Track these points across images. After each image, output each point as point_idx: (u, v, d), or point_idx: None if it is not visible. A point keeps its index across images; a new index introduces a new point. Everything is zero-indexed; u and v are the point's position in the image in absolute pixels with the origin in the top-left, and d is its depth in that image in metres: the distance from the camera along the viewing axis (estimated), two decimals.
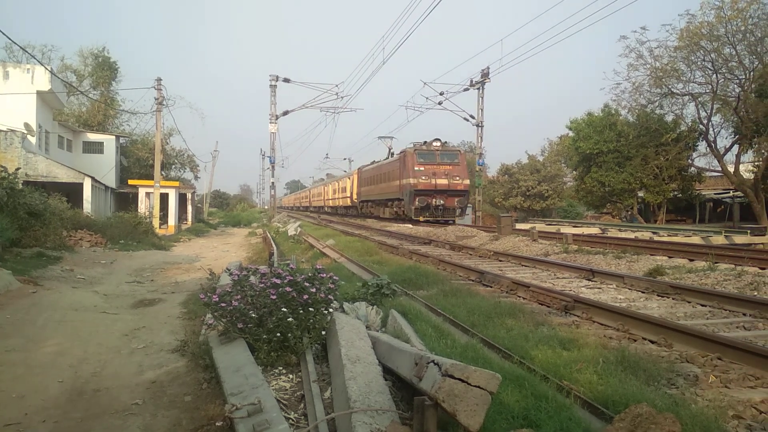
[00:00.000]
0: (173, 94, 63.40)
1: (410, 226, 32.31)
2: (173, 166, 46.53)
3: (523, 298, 9.18)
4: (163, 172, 36.74)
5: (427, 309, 7.88)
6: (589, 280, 11.12)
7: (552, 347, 5.58)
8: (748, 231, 23.74)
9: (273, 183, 53.40)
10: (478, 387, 3.47)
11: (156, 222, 30.27)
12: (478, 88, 39.62)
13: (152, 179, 32.52)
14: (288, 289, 5.69)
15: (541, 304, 8.59)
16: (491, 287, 10.37)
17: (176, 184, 39.08)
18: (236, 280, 6.22)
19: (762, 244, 19.58)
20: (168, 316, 9.17)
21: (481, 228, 24.77)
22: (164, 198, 35.16)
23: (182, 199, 41.50)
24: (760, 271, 10.30)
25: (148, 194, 33.86)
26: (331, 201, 60.92)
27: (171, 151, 45.55)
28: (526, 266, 13.71)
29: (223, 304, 6.00)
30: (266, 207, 71.68)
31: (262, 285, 5.95)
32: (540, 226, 28.15)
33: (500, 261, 15.01)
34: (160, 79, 31.11)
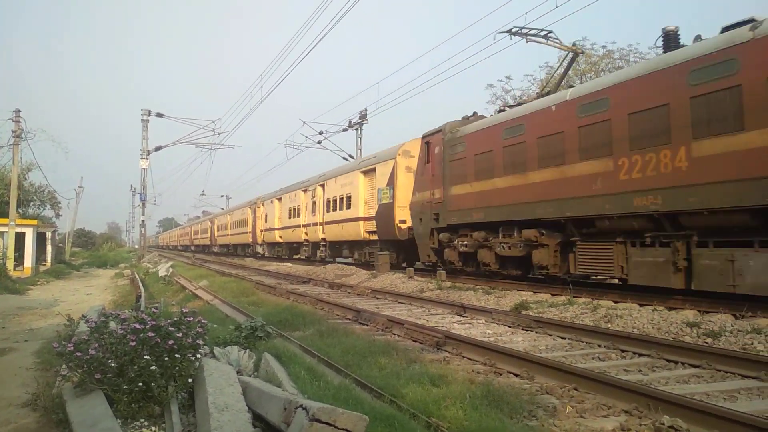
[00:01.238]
0: (34, 127, 59.04)
1: (290, 264, 31.96)
2: (32, 203, 43.16)
3: (398, 336, 9.33)
4: (19, 210, 33.92)
5: (302, 350, 7.79)
6: (460, 315, 11.50)
7: (422, 384, 5.69)
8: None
9: (143, 221, 50.85)
10: (346, 430, 3.47)
11: (10, 264, 27.79)
12: (357, 129, 40.39)
13: (6, 217, 29.96)
14: (151, 334, 5.41)
15: (415, 341, 8.76)
16: (367, 325, 10.46)
17: (34, 222, 36.16)
18: (94, 327, 5.83)
19: (617, 279, 21.21)
20: (19, 367, 8.39)
21: (360, 266, 24.97)
22: (20, 237, 32.39)
23: (41, 239, 38.43)
24: (614, 304, 11.13)
25: (1, 233, 31.08)
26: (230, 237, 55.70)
27: (29, 187, 42.26)
28: (402, 303, 13.98)
29: (78, 354, 5.58)
30: (136, 246, 68.05)
31: (123, 331, 5.62)
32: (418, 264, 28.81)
33: (377, 299, 15.19)
34: (19, 111, 29.01)
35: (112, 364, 5.35)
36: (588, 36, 55.31)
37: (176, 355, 5.40)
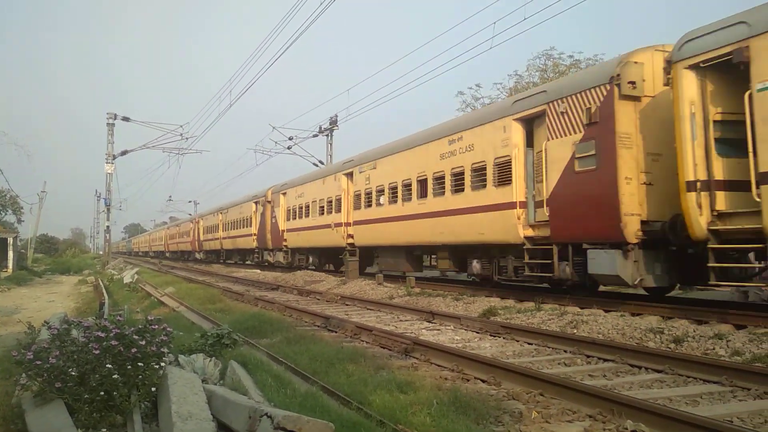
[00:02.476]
0: None
1: (258, 271, 31.69)
2: None
3: (366, 342, 9.30)
4: None
5: (270, 358, 7.72)
6: (429, 321, 11.53)
7: (390, 391, 5.68)
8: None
9: (108, 227, 49.88)
10: None
11: None
12: (327, 135, 40.31)
13: None
14: (114, 342, 5.30)
15: (383, 348, 8.76)
16: (336, 332, 10.42)
17: None
18: (55, 334, 5.69)
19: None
20: None
21: (330, 272, 24.86)
22: None
23: (2, 245, 37.50)
24: (579, 310, 11.27)
25: None
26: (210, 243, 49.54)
27: None
28: (371, 310, 13.96)
29: (38, 362, 5.44)
30: (101, 252, 66.76)
31: (85, 339, 5.49)
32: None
33: (347, 305, 15.15)
34: None
35: (73, 373, 5.23)
36: (556, 45, 56.17)
37: (139, 364, 5.30)
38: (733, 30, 9.08)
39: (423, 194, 17.56)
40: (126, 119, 43.69)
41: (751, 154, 8.75)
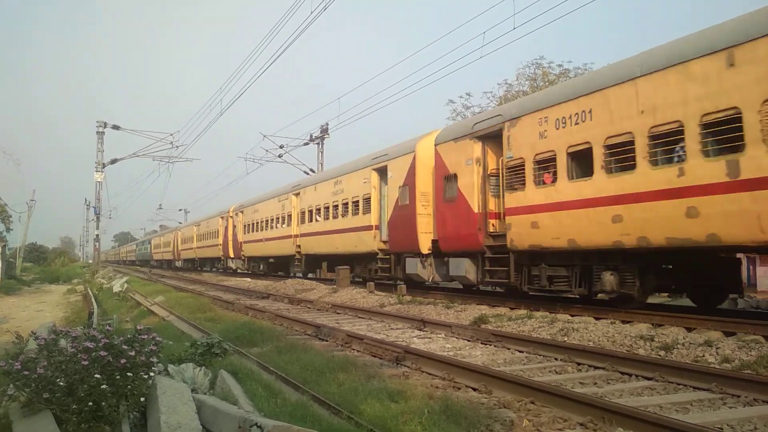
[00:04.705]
0: None
1: (249, 279, 31.60)
2: None
3: (357, 351, 9.28)
4: None
5: (260, 367, 7.68)
6: (420, 330, 11.51)
7: (381, 400, 5.66)
8: None
9: (98, 235, 49.62)
10: None
11: None
12: (318, 143, 40.32)
13: None
14: (103, 353, 5.26)
15: (374, 356, 8.73)
16: (327, 341, 10.38)
17: None
18: (43, 344, 5.64)
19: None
20: None
21: (321, 280, 24.78)
22: None
23: None
24: (570, 318, 11.29)
25: None
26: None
27: None
28: (362, 318, 13.93)
29: (26, 372, 5.39)
30: (90, 261, 66.24)
31: (74, 349, 5.44)
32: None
33: (338, 314, 15.11)
34: None
35: (61, 383, 5.18)
36: (545, 55, 56.64)
37: (128, 374, 5.26)
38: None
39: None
40: (116, 128, 43.59)
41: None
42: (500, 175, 14.02)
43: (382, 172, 19.83)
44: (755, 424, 5.25)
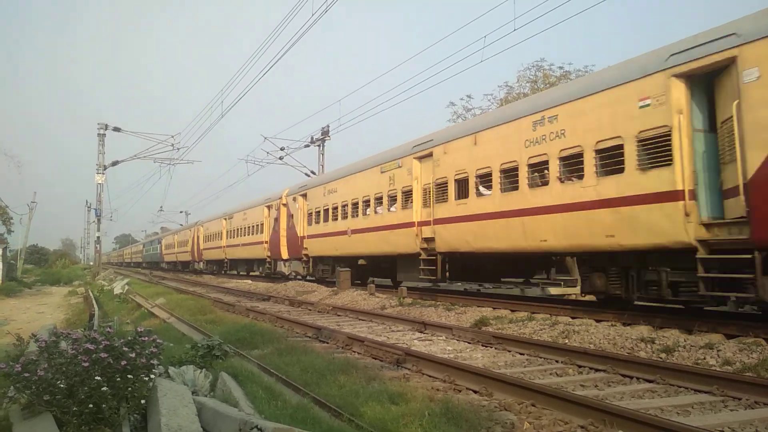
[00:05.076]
0: None
1: (250, 281, 31.57)
2: None
3: (358, 353, 9.27)
4: None
5: (260, 369, 7.67)
6: (421, 332, 11.51)
7: (381, 402, 5.65)
8: (562, 282, 25.78)
9: (99, 237, 49.61)
10: None
11: None
12: (319, 145, 40.31)
13: None
14: (103, 355, 5.26)
15: (375, 359, 8.73)
16: (327, 343, 10.38)
17: None
18: (43, 346, 5.64)
19: (574, 294, 21.54)
20: None
21: (321, 282, 24.75)
22: None
23: None
24: (571, 320, 11.29)
25: None
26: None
27: None
28: (363, 320, 13.92)
29: (27, 374, 5.39)
30: (91, 263, 66.24)
31: (74, 351, 5.44)
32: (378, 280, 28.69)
33: (338, 316, 15.11)
34: None
35: (62, 385, 5.18)
36: (546, 57, 56.59)
37: (129, 376, 5.26)
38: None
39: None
40: (117, 130, 43.63)
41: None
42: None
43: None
44: (756, 427, 5.25)
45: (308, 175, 38.77)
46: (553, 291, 20.53)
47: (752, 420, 5.41)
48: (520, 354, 8.98)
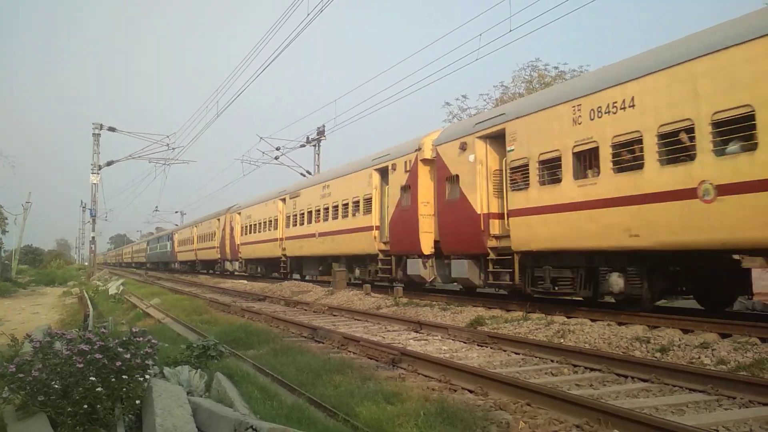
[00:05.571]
0: None
1: (245, 282, 31.54)
2: None
3: (354, 353, 9.27)
4: None
5: (256, 369, 7.66)
6: (416, 332, 11.51)
7: (377, 402, 5.65)
8: None
9: (93, 237, 49.47)
10: None
11: None
12: (315, 145, 40.28)
13: None
14: (98, 355, 5.24)
15: (371, 358, 8.73)
16: (323, 343, 10.38)
17: None
18: (38, 347, 5.62)
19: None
20: None
21: (317, 282, 24.77)
22: None
23: None
24: (567, 319, 11.30)
25: None
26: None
27: None
28: (358, 320, 13.92)
29: (21, 375, 5.37)
30: (86, 263, 66.00)
31: (69, 352, 5.43)
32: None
33: (334, 316, 15.10)
34: None
35: (56, 386, 5.16)
36: (541, 57, 56.66)
37: (123, 377, 5.25)
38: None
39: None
40: (112, 129, 43.47)
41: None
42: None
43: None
44: (751, 426, 5.27)
45: (303, 175, 38.76)
46: None
47: (747, 419, 5.42)
48: (516, 353, 8.99)
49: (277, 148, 39.86)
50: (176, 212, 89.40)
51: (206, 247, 45.74)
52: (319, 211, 24.61)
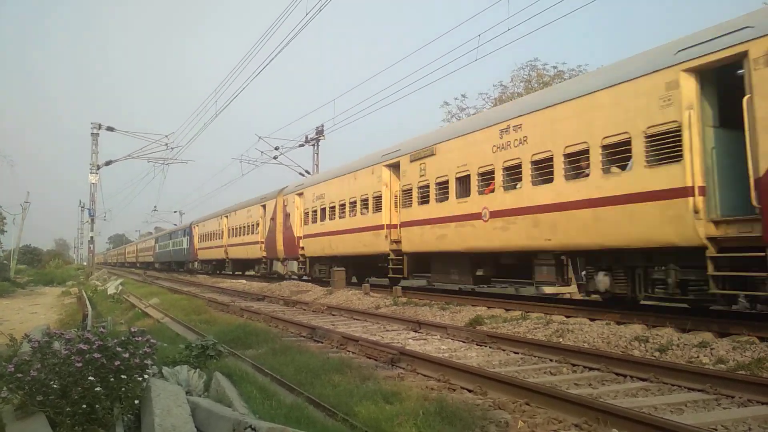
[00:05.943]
0: None
1: (244, 281, 31.52)
2: None
3: (353, 353, 9.27)
4: None
5: (255, 369, 7.67)
6: (416, 331, 11.51)
7: (376, 402, 5.65)
8: (556, 282, 25.79)
9: (92, 237, 49.45)
10: None
11: None
12: (313, 145, 40.28)
13: None
14: (97, 355, 5.24)
15: (370, 358, 8.73)
16: (322, 342, 10.38)
17: None
18: (36, 347, 5.61)
19: (568, 294, 21.59)
20: None
21: (316, 282, 24.71)
22: None
23: None
24: (565, 319, 11.31)
25: None
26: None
27: None
28: (357, 320, 13.92)
29: (19, 375, 5.37)
30: (85, 263, 65.89)
31: (67, 352, 5.42)
32: (373, 279, 28.52)
33: (333, 315, 15.10)
34: None
35: (55, 386, 5.16)
36: (540, 56, 56.69)
37: (122, 376, 5.25)
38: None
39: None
40: (110, 129, 43.43)
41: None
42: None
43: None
44: (749, 425, 5.28)
45: (302, 174, 38.72)
46: (547, 290, 20.56)
47: (745, 418, 5.43)
48: (515, 353, 8.99)
49: (276, 148, 39.85)
50: (175, 212, 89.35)
51: (244, 243, 35.41)
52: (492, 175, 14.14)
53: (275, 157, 40.26)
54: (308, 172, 39.59)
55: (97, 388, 5.01)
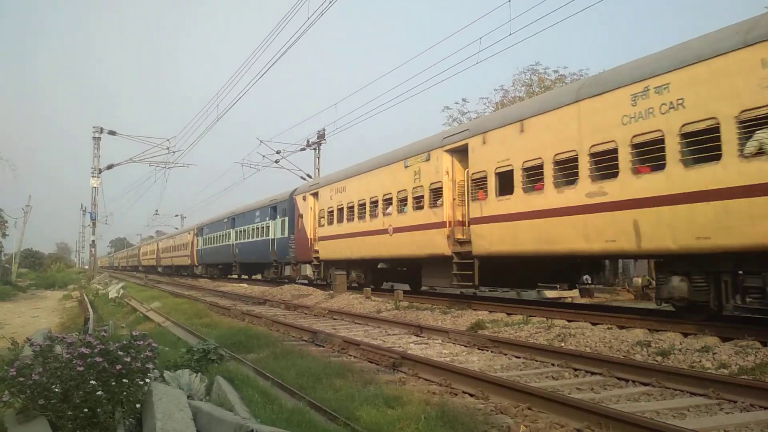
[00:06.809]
0: None
1: (245, 285, 31.52)
2: None
3: (354, 357, 9.26)
4: None
5: (256, 373, 7.66)
6: (417, 335, 11.50)
7: (377, 406, 5.64)
8: (558, 286, 25.75)
9: (93, 241, 49.56)
10: None
11: None
12: (315, 148, 40.32)
13: None
14: (98, 359, 5.24)
15: (371, 362, 8.72)
16: (323, 347, 10.37)
17: None
18: (38, 351, 5.62)
19: (570, 298, 21.56)
20: None
21: (317, 286, 24.69)
22: None
23: None
24: (567, 323, 11.29)
25: None
26: None
27: None
28: (359, 324, 13.90)
29: (21, 379, 5.37)
30: (86, 267, 65.93)
31: (69, 356, 5.42)
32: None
33: (334, 319, 15.08)
34: None
35: (57, 390, 5.16)
36: (541, 60, 56.77)
37: (124, 380, 5.24)
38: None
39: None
40: (112, 133, 43.57)
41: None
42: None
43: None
44: (752, 430, 5.26)
45: (303, 178, 38.70)
46: (549, 294, 20.54)
47: (748, 423, 5.42)
48: (516, 357, 8.97)
49: (278, 152, 39.88)
50: (176, 215, 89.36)
51: (332, 235, 23.13)
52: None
53: (277, 161, 40.31)
54: (309, 176, 39.62)
55: (99, 392, 5.01)
